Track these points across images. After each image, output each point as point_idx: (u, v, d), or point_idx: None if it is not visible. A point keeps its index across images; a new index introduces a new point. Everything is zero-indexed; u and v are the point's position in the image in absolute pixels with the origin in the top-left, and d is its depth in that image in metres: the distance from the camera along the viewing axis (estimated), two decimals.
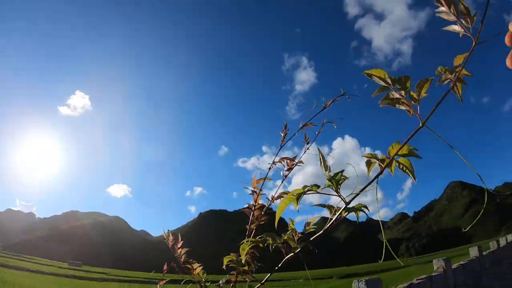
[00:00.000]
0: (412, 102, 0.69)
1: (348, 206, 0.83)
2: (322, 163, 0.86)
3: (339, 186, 0.82)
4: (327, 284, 23.95)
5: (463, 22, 0.63)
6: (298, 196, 0.83)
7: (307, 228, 1.10)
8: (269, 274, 1.12)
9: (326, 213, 0.92)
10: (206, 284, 1.28)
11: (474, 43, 0.63)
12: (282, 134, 1.22)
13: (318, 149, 0.99)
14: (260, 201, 1.25)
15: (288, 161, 1.21)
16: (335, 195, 0.83)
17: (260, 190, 1.24)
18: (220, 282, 1.24)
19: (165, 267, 1.35)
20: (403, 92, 0.64)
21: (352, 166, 0.79)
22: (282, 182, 1.25)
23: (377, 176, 0.74)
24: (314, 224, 1.07)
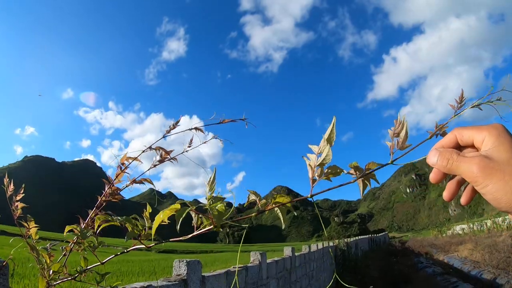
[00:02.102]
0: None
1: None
2: (211, 182, 0.91)
3: (213, 210, 0.89)
4: (145, 256, 23.89)
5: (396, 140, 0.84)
6: (179, 217, 0.87)
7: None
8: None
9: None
10: (36, 245, 1.21)
11: (390, 161, 0.82)
12: (172, 126, 1.20)
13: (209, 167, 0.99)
14: (121, 179, 1.21)
15: (163, 152, 1.19)
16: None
17: (126, 167, 1.21)
18: (48, 246, 1.18)
19: None
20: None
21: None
22: (148, 169, 1.23)
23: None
24: None
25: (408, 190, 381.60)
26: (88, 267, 1.16)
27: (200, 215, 0.94)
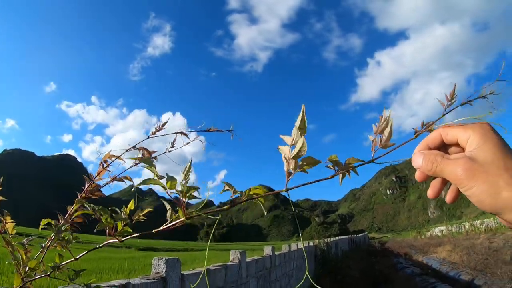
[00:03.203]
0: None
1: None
2: (186, 171, 0.89)
3: (185, 196, 0.88)
4: (126, 253, 23.65)
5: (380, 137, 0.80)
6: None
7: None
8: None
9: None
10: (12, 240, 1.19)
11: (371, 159, 0.78)
12: (158, 127, 1.18)
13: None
14: (103, 177, 1.20)
15: (146, 152, 1.18)
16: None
17: (108, 165, 1.19)
18: (24, 241, 1.16)
19: None
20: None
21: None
22: (130, 167, 1.22)
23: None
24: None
25: (388, 192, 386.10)
26: (62, 263, 1.14)
27: (176, 208, 0.92)
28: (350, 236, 40.43)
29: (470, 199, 0.64)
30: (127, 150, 1.15)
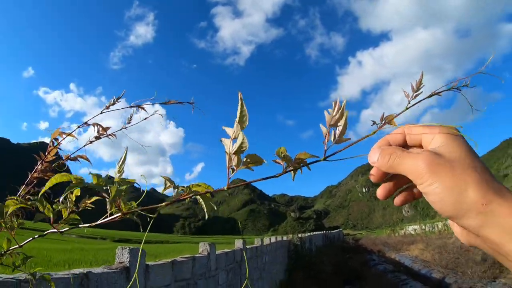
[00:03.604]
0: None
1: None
2: (120, 162, 0.85)
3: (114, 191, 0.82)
4: (100, 245, 23.37)
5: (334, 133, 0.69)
6: (70, 189, 0.79)
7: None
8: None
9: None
10: None
11: (324, 157, 0.68)
12: (111, 101, 1.13)
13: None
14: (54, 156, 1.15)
15: (100, 128, 1.12)
16: None
17: (59, 143, 1.14)
18: None
19: None
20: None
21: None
22: (84, 146, 1.17)
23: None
24: None
25: (364, 190, 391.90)
26: (9, 249, 1.09)
27: (117, 198, 0.86)
28: (324, 232, 40.91)
29: (428, 198, 0.57)
30: (79, 127, 1.11)
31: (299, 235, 18.39)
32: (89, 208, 1.11)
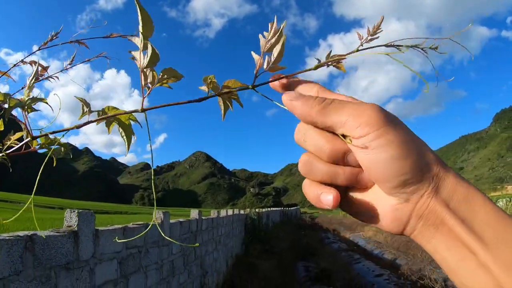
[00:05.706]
0: None
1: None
2: (30, 78, 0.70)
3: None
4: (58, 214, 22.81)
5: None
6: None
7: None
8: None
9: None
10: None
11: (252, 85, 0.55)
12: (49, 37, 1.00)
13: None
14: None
15: (40, 68, 0.95)
16: None
17: None
18: None
19: None
20: None
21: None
22: (22, 87, 1.02)
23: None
24: None
25: None
26: None
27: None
28: (282, 208, 41.61)
29: (372, 154, 0.42)
30: (15, 65, 1.00)
31: (257, 210, 18.58)
32: (13, 145, 0.98)
